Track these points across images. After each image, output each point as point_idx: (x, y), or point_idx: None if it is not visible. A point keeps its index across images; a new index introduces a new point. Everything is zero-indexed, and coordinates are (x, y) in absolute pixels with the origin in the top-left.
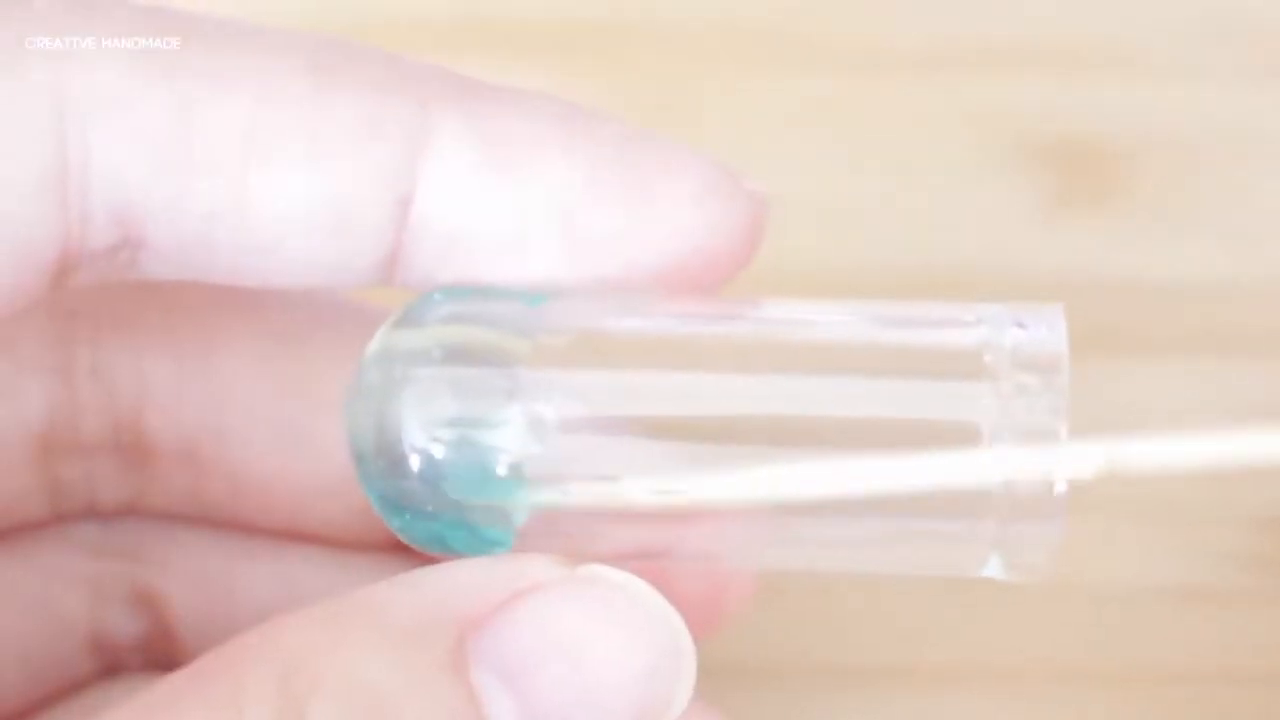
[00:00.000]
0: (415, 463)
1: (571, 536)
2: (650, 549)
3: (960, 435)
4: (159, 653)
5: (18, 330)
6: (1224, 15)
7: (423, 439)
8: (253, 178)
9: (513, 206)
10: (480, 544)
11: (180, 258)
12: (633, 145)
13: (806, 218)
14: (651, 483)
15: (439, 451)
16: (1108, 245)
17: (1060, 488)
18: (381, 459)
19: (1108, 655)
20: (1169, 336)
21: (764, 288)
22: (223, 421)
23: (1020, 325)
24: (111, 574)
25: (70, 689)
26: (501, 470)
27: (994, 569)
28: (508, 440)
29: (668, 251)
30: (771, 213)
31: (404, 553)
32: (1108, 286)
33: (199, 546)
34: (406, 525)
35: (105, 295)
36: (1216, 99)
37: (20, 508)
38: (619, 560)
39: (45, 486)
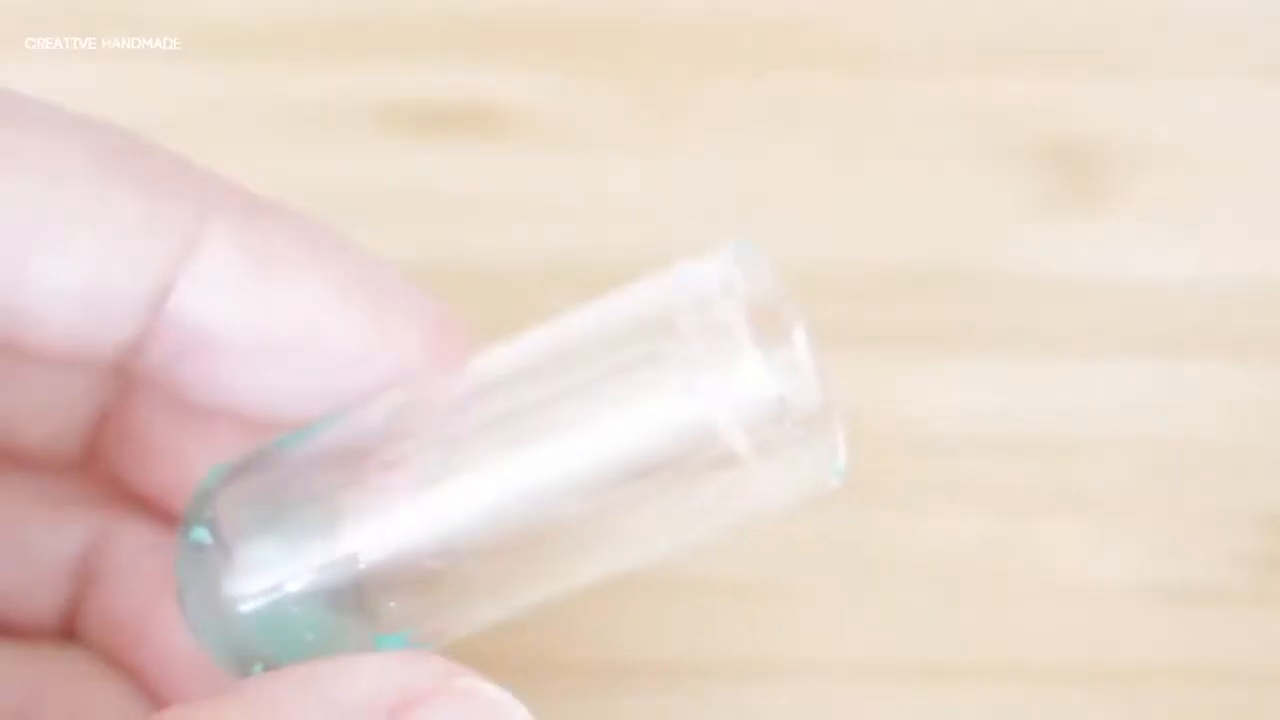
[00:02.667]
0: (257, 640)
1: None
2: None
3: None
4: None
5: None
6: (1224, 15)
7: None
8: (28, 254)
9: (264, 319)
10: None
11: None
12: (374, 277)
13: (805, 217)
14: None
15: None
16: (1105, 244)
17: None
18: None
19: (1108, 655)
20: (1168, 336)
21: None
22: None
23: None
24: None
25: None
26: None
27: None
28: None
29: (391, 374)
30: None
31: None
32: (1105, 286)
33: None
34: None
35: None
36: (1216, 99)
37: None
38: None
39: None
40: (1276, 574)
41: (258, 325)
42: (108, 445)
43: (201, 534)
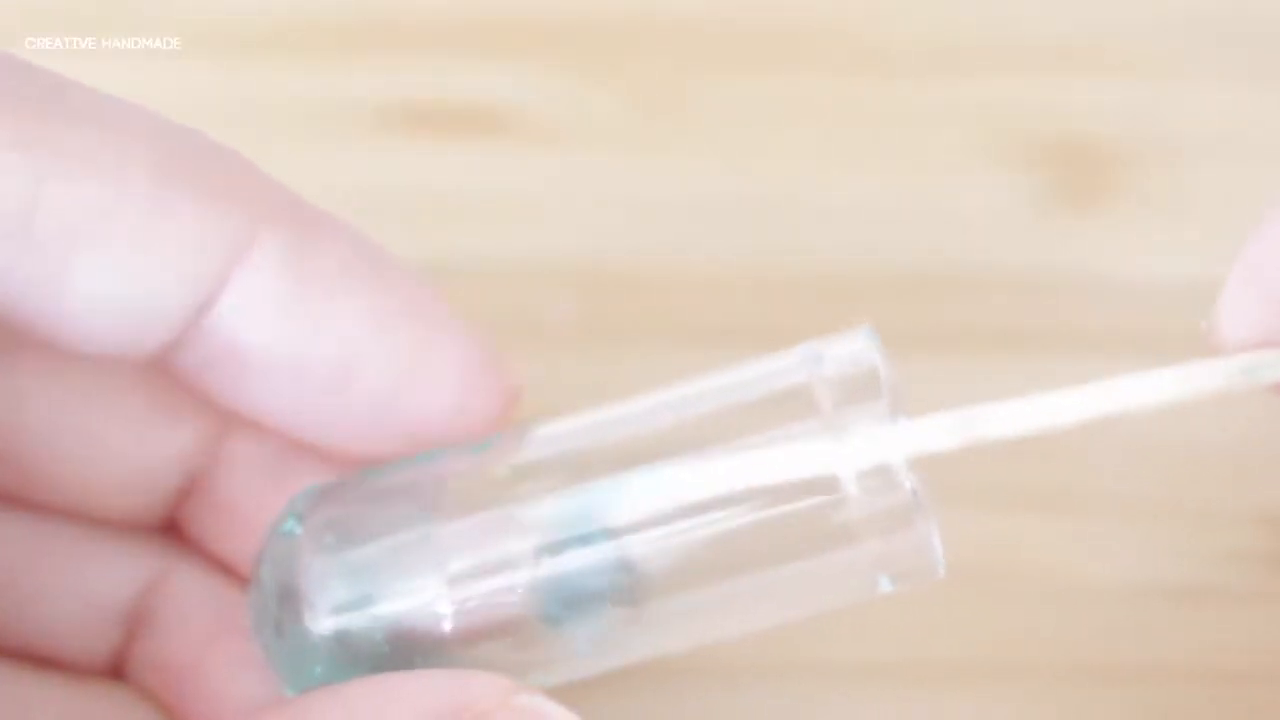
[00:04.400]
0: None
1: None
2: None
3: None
4: None
5: None
6: (1224, 15)
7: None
8: (74, 260)
9: (300, 342)
10: None
11: None
12: (418, 309)
13: (805, 217)
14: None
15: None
16: (1105, 245)
17: (908, 487)
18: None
19: (1108, 655)
20: (1167, 336)
21: (763, 286)
22: (19, 418)
23: (826, 354)
24: None
25: None
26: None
27: (886, 585)
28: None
29: (424, 414)
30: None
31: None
32: (1104, 286)
33: None
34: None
35: None
36: (1215, 99)
37: None
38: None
39: None
40: (1276, 574)
41: (293, 348)
42: (189, 510)
43: (292, 525)
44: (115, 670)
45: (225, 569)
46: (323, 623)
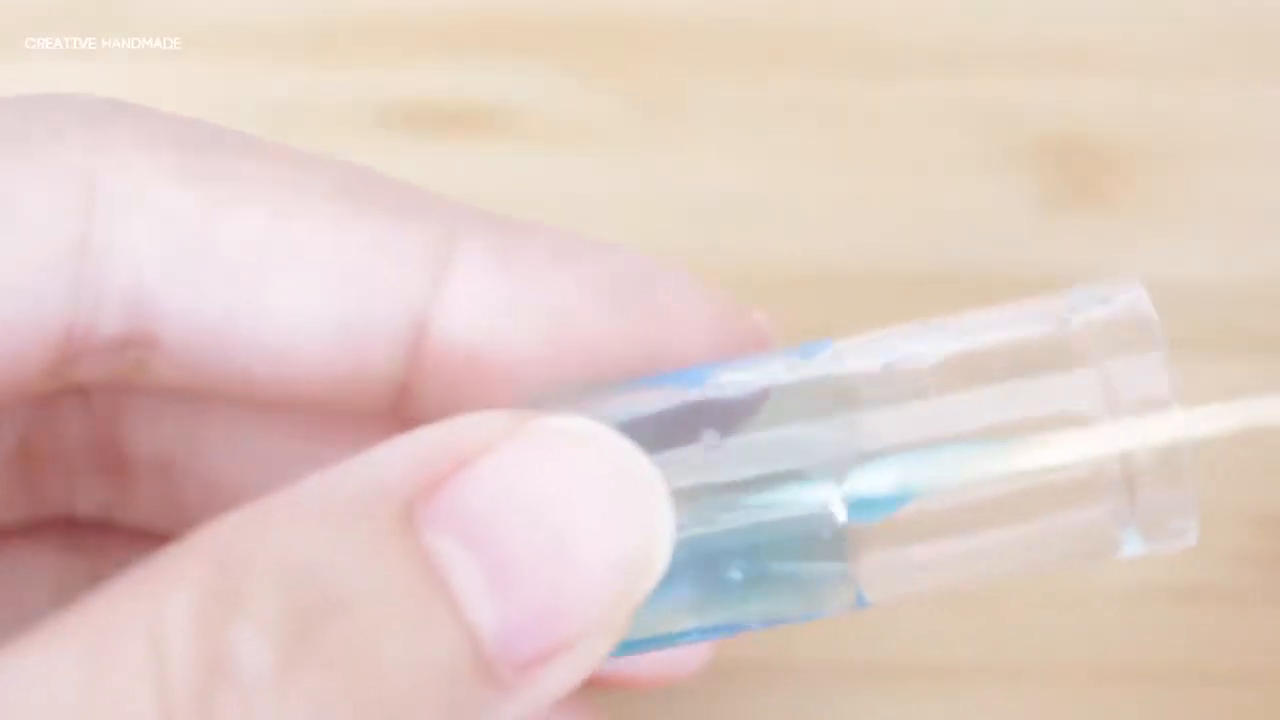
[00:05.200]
0: None
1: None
2: None
3: (1071, 422)
4: None
5: None
6: (1224, 15)
7: None
8: (270, 285)
9: (532, 335)
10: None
11: (192, 360)
12: (647, 277)
13: (805, 217)
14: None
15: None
16: (1105, 245)
17: (1184, 450)
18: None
19: (1108, 655)
20: (1168, 337)
21: (764, 286)
22: (199, 437)
23: (1104, 301)
24: (75, 570)
25: None
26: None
27: (1134, 546)
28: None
29: (667, 366)
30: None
31: None
32: None
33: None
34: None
35: None
36: (1216, 99)
37: None
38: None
39: (24, 491)
40: (1276, 574)
41: (521, 337)
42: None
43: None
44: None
45: None
46: None
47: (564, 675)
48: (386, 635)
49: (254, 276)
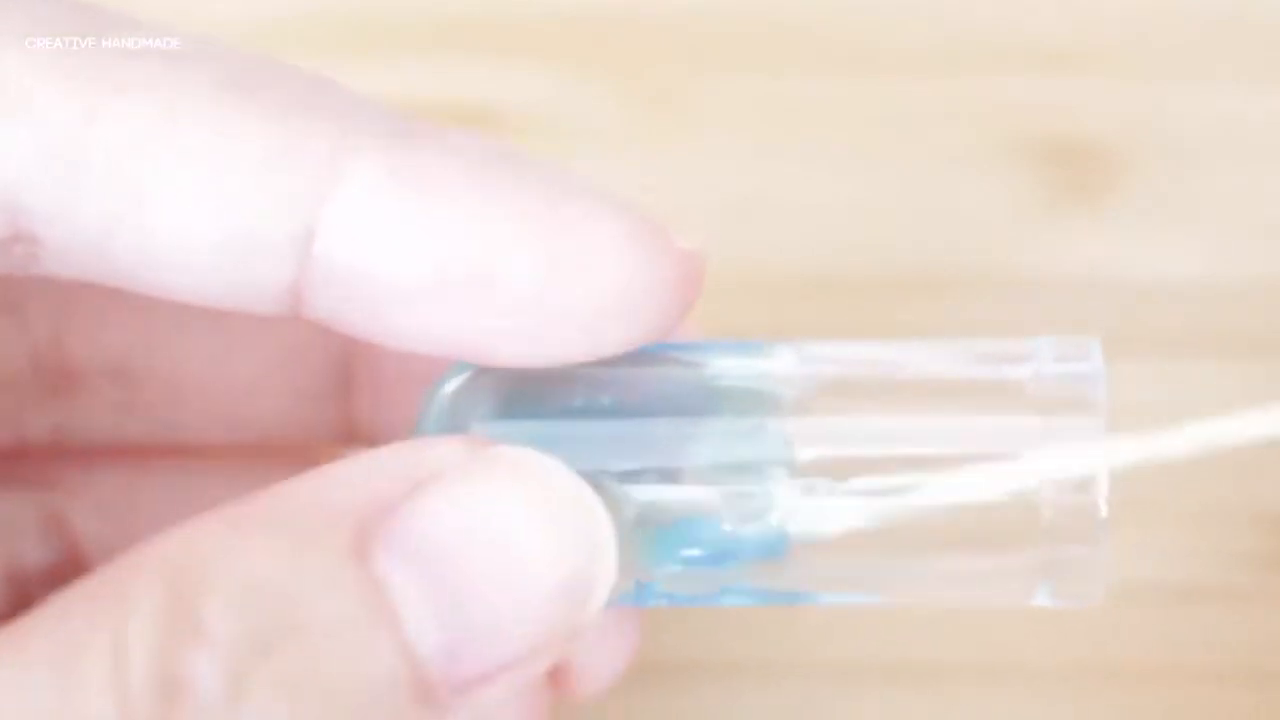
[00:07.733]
0: None
1: None
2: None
3: (1000, 467)
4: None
5: None
6: (1224, 15)
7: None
8: (148, 195)
9: (427, 252)
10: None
11: (79, 260)
12: (557, 194)
13: (805, 217)
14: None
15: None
16: (1105, 244)
17: (1101, 511)
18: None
19: (1108, 655)
20: (1167, 337)
21: (764, 286)
22: (151, 335)
23: (1061, 359)
24: (24, 503)
25: None
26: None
27: (1043, 597)
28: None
29: (588, 306)
30: (707, 264)
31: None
32: (1105, 286)
33: (115, 474)
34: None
35: None
36: (1216, 99)
37: None
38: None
39: None
40: (1276, 574)
41: (422, 261)
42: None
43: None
44: None
45: None
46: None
47: (501, 693)
48: (333, 659)
49: (132, 184)
